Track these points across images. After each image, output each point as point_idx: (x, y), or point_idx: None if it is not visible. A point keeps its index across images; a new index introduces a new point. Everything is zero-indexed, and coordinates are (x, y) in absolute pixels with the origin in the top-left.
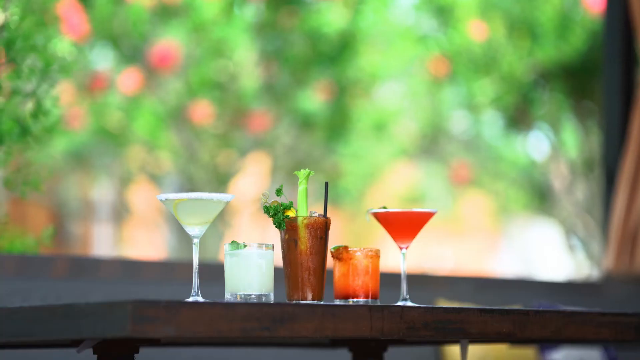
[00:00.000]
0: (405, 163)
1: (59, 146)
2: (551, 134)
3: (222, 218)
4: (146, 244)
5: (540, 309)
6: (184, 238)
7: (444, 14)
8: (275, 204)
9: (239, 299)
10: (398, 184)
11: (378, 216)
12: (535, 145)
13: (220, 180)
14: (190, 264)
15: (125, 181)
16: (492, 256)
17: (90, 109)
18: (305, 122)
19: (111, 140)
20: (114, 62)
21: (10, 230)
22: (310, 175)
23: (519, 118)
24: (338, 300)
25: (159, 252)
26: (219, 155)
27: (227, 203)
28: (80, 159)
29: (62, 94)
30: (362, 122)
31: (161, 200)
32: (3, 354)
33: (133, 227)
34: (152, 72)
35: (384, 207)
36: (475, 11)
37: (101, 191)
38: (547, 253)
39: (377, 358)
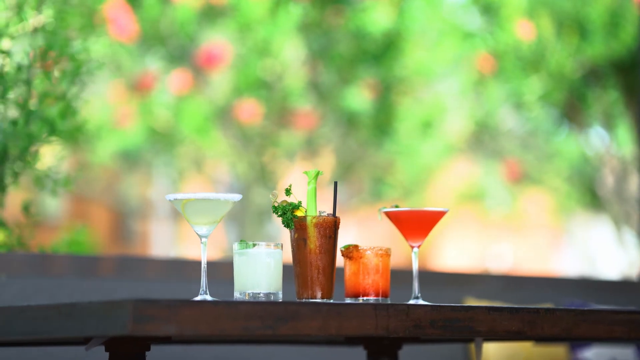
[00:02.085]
0: (456, 160)
1: (110, 146)
2: (604, 130)
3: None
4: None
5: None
6: (246, 236)
7: (490, 12)
8: (284, 204)
9: (247, 298)
10: (452, 181)
11: (390, 215)
12: (588, 141)
13: (268, 179)
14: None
15: (180, 179)
16: (553, 254)
17: (139, 109)
18: (351, 121)
19: (160, 140)
20: (162, 62)
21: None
22: (320, 175)
23: (570, 115)
24: (349, 298)
25: (216, 250)
26: (265, 154)
27: (235, 203)
28: (134, 159)
29: (112, 95)
30: (409, 119)
31: (170, 200)
32: (15, 351)
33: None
34: (199, 72)
35: (396, 206)
36: (523, 10)
37: (159, 189)
38: (608, 250)
39: (392, 356)
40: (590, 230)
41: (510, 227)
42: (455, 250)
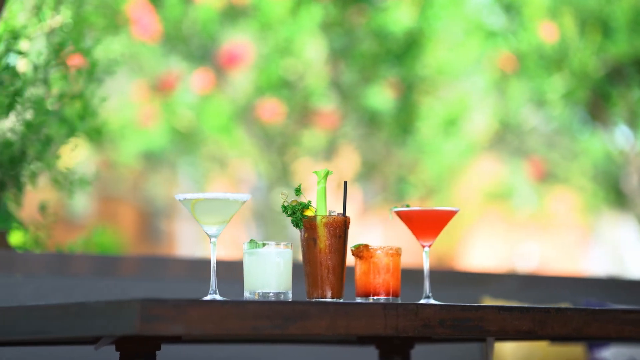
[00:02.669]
0: (479, 159)
1: (134, 146)
2: (628, 128)
3: None
4: (231, 240)
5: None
6: (269, 235)
7: (513, 12)
8: (294, 203)
9: (257, 297)
10: (477, 180)
11: (400, 214)
12: (613, 140)
13: (290, 178)
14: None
15: (204, 179)
16: (581, 253)
17: (162, 109)
18: (373, 120)
19: (183, 140)
20: (184, 62)
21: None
22: (329, 174)
23: (594, 113)
24: (359, 298)
25: (238, 250)
26: (287, 153)
27: (244, 203)
28: (157, 159)
29: (135, 95)
30: (431, 118)
31: (179, 200)
32: (26, 350)
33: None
34: (221, 72)
35: (407, 205)
36: (545, 9)
37: (184, 189)
38: (635, 249)
39: (404, 356)
40: (618, 229)
41: (537, 227)
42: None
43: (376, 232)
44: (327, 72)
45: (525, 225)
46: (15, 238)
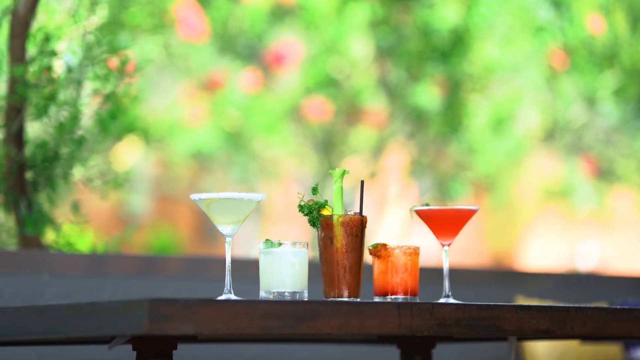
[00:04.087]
0: (532, 156)
1: (184, 146)
2: None
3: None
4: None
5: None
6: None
7: (562, 7)
8: (311, 203)
9: (272, 297)
10: (532, 178)
11: (420, 213)
12: None
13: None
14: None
15: (254, 178)
16: None
17: (210, 109)
18: (421, 118)
19: (232, 139)
20: (232, 62)
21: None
22: (346, 174)
23: None
24: (377, 297)
25: None
26: (334, 152)
27: (259, 202)
28: (207, 158)
29: (183, 95)
30: (480, 116)
31: (194, 200)
32: (43, 350)
33: (274, 223)
34: (268, 71)
35: (427, 205)
36: (595, 4)
37: (236, 189)
38: None
39: (425, 355)
40: None
41: (596, 225)
42: (540, 249)
43: (427, 231)
44: (374, 70)
45: (584, 224)
46: (49, 238)
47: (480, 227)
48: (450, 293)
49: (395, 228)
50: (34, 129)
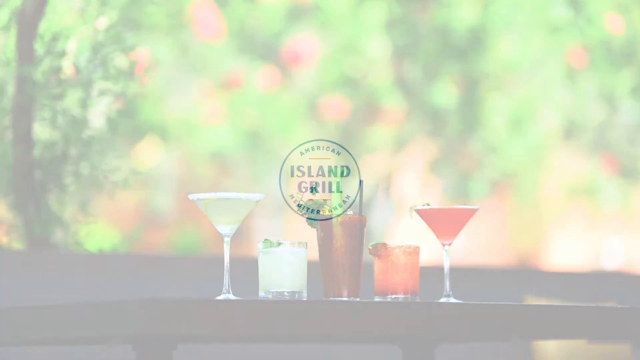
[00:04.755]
0: (554, 154)
1: (202, 146)
2: None
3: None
4: (310, 237)
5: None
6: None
7: (579, 6)
8: (310, 202)
9: (271, 297)
10: (555, 175)
11: (421, 213)
12: None
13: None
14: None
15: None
16: None
17: (228, 108)
18: (438, 117)
19: (250, 138)
20: (249, 61)
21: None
22: (346, 174)
23: None
24: (377, 297)
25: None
26: (351, 150)
27: (257, 202)
28: (225, 157)
29: (200, 94)
30: (498, 115)
31: (193, 200)
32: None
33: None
34: (285, 70)
35: (427, 204)
36: (613, 4)
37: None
38: None
39: (427, 354)
40: None
41: (622, 223)
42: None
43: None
44: (391, 69)
45: (609, 222)
46: (58, 238)
47: (504, 226)
48: (451, 292)
49: (417, 228)
50: (42, 129)
